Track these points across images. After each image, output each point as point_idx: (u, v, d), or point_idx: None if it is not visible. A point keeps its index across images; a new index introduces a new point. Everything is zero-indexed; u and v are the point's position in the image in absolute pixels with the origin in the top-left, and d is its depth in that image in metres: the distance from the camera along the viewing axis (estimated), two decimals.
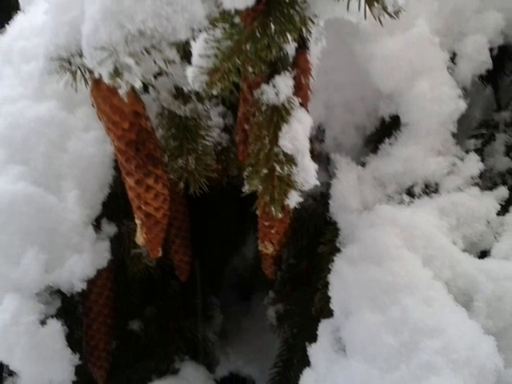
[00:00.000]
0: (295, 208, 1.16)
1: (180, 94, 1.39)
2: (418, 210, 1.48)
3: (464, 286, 1.34)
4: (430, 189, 1.55)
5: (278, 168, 1.09)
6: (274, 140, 1.09)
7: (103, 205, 1.65)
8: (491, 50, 1.65)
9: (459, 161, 1.57)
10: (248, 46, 0.94)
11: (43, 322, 1.53)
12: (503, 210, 1.50)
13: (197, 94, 1.39)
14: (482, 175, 1.56)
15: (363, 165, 1.63)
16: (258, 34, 0.94)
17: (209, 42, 0.96)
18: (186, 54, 1.01)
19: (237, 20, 0.95)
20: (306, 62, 1.18)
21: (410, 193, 1.55)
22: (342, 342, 1.33)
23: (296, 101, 1.12)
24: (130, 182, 1.22)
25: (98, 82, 1.09)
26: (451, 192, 1.52)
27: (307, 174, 1.11)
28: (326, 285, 1.43)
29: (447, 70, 1.61)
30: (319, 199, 1.68)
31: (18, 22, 1.79)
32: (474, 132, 1.69)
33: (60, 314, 1.59)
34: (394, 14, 1.02)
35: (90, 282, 1.62)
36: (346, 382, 1.25)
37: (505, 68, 1.74)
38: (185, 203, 1.81)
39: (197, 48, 0.98)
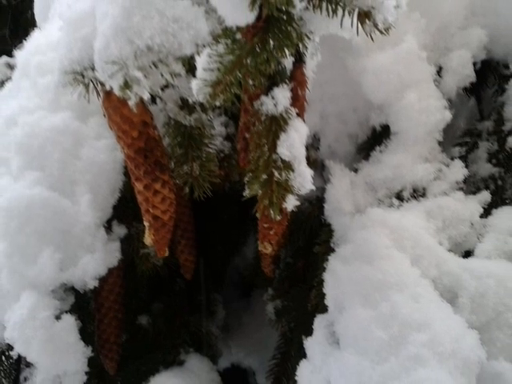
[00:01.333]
0: (292, 211, 1.15)
1: (185, 105, 1.39)
2: (406, 212, 1.48)
3: (449, 284, 1.34)
4: (418, 193, 1.55)
5: (276, 174, 1.09)
6: (273, 148, 1.09)
7: (114, 208, 1.65)
8: (475, 64, 1.65)
9: (445, 167, 1.57)
10: (248, 61, 0.94)
11: (58, 317, 1.54)
12: (486, 213, 1.50)
13: (201, 104, 1.39)
14: (466, 180, 1.56)
15: (356, 171, 1.63)
16: (257, 49, 0.94)
17: (212, 56, 0.96)
18: (190, 67, 1.01)
19: (238, 36, 0.95)
20: (302, 75, 1.18)
21: (399, 197, 1.55)
22: (336, 336, 1.33)
23: (293, 111, 1.12)
24: (138, 186, 1.22)
25: (109, 94, 1.09)
26: (437, 196, 1.52)
27: (303, 180, 1.11)
28: (321, 282, 1.42)
29: (434, 83, 1.61)
30: (315, 203, 1.68)
31: (35, 38, 1.79)
32: (459, 140, 1.69)
33: (74, 310, 1.59)
34: (384, 31, 1.02)
35: (102, 280, 1.62)
36: (340, 372, 1.25)
37: (487, 81, 1.74)
38: (190, 206, 1.81)
39: (201, 62, 0.98)
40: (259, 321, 2.32)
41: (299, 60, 1.17)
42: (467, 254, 1.46)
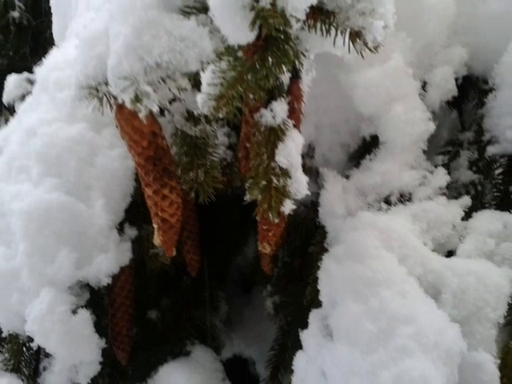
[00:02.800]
0: (289, 214, 1.15)
1: (191, 117, 1.39)
2: (394, 216, 1.48)
3: (433, 281, 1.33)
4: (405, 198, 1.54)
5: (274, 180, 1.09)
6: (272, 156, 1.09)
7: (126, 211, 1.65)
8: (456, 79, 1.66)
9: (429, 174, 1.57)
10: (249, 76, 0.94)
11: (74, 312, 1.54)
12: (467, 216, 1.50)
13: (205, 116, 1.39)
14: (448, 186, 1.56)
15: (347, 177, 1.63)
16: (257, 66, 0.94)
17: (216, 72, 0.96)
18: (196, 82, 1.01)
19: (239, 54, 0.95)
20: (298, 90, 1.18)
21: (387, 201, 1.55)
22: (330, 329, 1.33)
23: (290, 123, 1.11)
24: (148, 191, 1.22)
25: (121, 107, 1.09)
26: (422, 200, 1.52)
27: (300, 185, 1.11)
28: (315, 280, 1.42)
29: (419, 97, 1.61)
30: (310, 207, 1.68)
31: (53, 56, 1.79)
32: (442, 149, 1.69)
33: (89, 305, 1.59)
34: (373, 49, 1.02)
35: (114, 278, 1.62)
36: (333, 362, 1.25)
37: (468, 95, 1.74)
38: (195, 210, 1.81)
39: (205, 78, 0.98)
40: (259, 315, 2.31)
41: (296, 76, 1.17)
42: (450, 253, 1.46)
